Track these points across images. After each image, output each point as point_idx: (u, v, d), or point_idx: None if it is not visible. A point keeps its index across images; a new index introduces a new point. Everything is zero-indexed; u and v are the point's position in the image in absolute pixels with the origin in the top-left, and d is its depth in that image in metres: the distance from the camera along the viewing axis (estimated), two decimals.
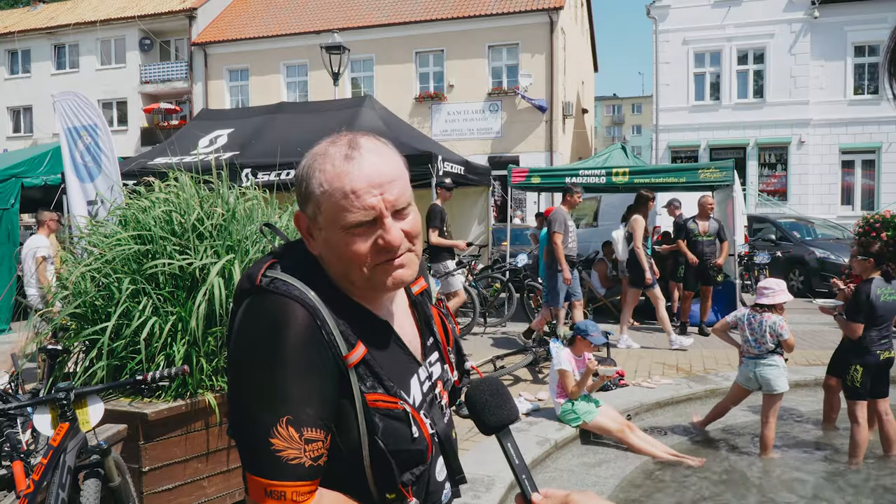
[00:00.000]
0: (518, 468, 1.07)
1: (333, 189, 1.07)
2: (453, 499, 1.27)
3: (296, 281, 1.08)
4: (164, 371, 2.57)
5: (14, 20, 29.78)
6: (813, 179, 20.34)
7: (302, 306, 1.05)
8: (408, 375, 1.17)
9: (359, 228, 1.07)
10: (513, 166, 10.46)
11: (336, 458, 1.08)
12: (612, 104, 71.80)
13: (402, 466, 1.10)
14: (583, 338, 4.89)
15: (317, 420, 1.04)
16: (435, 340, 1.29)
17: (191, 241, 3.44)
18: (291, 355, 1.03)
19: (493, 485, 3.66)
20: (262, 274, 1.10)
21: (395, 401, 1.10)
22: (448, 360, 1.31)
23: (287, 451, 1.01)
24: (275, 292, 1.07)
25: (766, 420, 4.59)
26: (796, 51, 20.28)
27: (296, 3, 26.49)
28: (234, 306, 1.13)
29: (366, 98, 9.97)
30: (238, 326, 1.10)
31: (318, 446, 1.04)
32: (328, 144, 1.11)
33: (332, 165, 1.08)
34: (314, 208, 1.10)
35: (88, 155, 6.14)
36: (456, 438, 1.30)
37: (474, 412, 1.13)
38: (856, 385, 4.42)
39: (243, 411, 1.06)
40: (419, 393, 1.18)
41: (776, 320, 4.53)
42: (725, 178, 8.96)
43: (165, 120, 26.41)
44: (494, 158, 20.88)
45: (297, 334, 1.04)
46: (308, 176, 1.10)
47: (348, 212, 1.07)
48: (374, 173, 1.08)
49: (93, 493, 2.51)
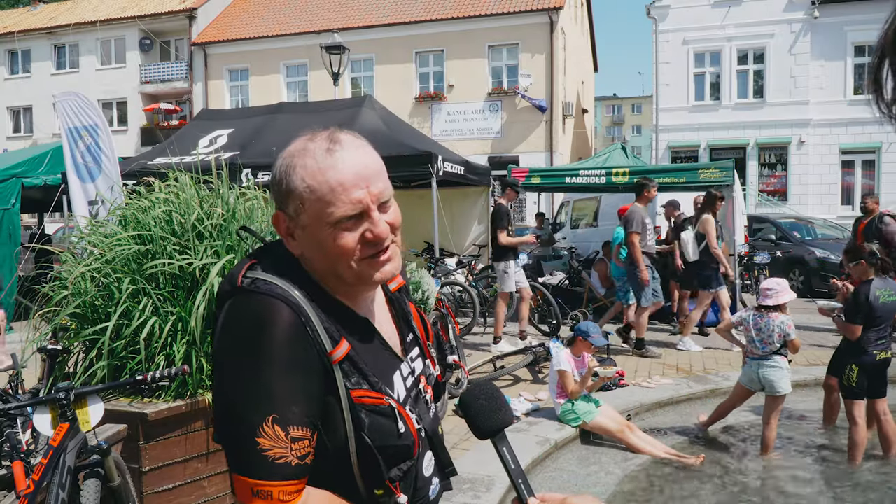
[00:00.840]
0: (514, 472, 1.07)
1: (318, 183, 1.06)
2: (443, 492, 1.27)
3: (278, 280, 1.07)
4: (164, 371, 2.57)
5: (14, 20, 29.78)
6: (813, 179, 20.34)
7: (286, 304, 1.05)
8: (390, 372, 1.17)
9: (345, 223, 1.07)
10: (513, 166, 10.46)
11: (323, 456, 1.07)
12: (612, 104, 71.79)
13: (389, 462, 1.10)
14: (583, 339, 4.89)
15: (303, 418, 1.03)
16: (415, 336, 1.29)
17: (191, 241, 3.44)
18: (276, 353, 1.02)
19: (493, 485, 3.66)
20: (242, 275, 1.09)
21: (381, 396, 1.09)
22: (429, 356, 1.31)
23: (273, 450, 1.00)
24: (257, 292, 1.06)
25: (768, 421, 4.59)
26: (796, 51, 20.29)
27: (296, 3, 26.49)
28: (217, 310, 1.12)
29: (366, 98, 9.96)
30: (221, 327, 1.09)
31: (304, 445, 1.03)
32: (306, 141, 1.10)
33: (315, 160, 1.07)
34: (296, 206, 1.09)
35: (89, 155, 6.15)
36: (442, 433, 1.30)
37: (469, 417, 1.13)
38: (852, 385, 4.42)
39: (229, 411, 1.05)
40: (403, 389, 1.18)
41: (784, 320, 4.51)
42: (725, 178, 8.96)
43: (165, 120, 26.41)
44: (494, 158, 20.89)
45: (282, 332, 1.03)
46: (288, 173, 1.09)
47: (334, 206, 1.06)
48: (359, 166, 1.08)
49: (93, 493, 2.51)
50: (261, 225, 3.78)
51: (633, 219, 7.14)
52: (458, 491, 3.60)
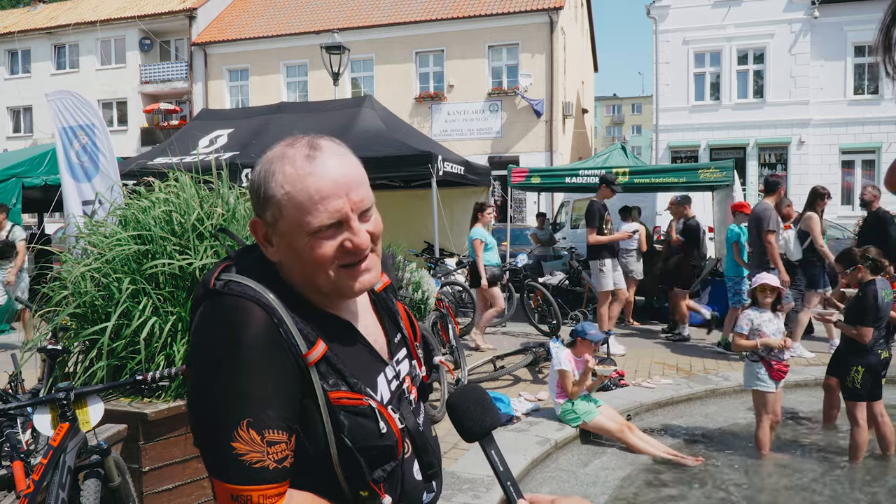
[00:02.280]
0: (502, 475, 1.07)
1: (296, 191, 1.04)
2: (438, 497, 1.25)
3: (251, 281, 1.06)
4: (164, 371, 2.56)
5: (14, 20, 29.78)
6: (813, 179, 20.27)
7: (258, 306, 1.03)
8: (374, 374, 1.15)
9: (324, 231, 1.05)
10: (513, 166, 10.47)
11: (305, 459, 1.06)
12: (612, 104, 71.80)
13: (371, 463, 1.08)
14: (583, 339, 4.89)
15: (278, 421, 1.01)
16: (402, 337, 1.28)
17: (191, 241, 3.44)
18: (249, 356, 1.00)
19: (493, 485, 3.66)
20: (215, 277, 1.07)
21: (360, 397, 1.08)
22: (416, 356, 1.30)
23: (250, 454, 0.99)
24: (230, 294, 1.04)
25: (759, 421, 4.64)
26: (796, 51, 20.29)
27: (296, 3, 26.49)
28: (191, 314, 1.10)
29: (366, 98, 9.95)
30: (194, 331, 1.07)
31: (281, 448, 1.01)
32: (285, 147, 1.08)
33: (293, 167, 1.05)
34: (274, 213, 1.06)
35: (85, 154, 6.08)
36: (436, 435, 1.28)
37: (456, 420, 1.13)
38: (856, 386, 4.41)
39: (204, 416, 1.04)
40: (387, 391, 1.16)
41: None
42: (725, 178, 8.96)
43: (165, 120, 26.43)
44: (494, 158, 20.90)
45: (255, 335, 1.01)
46: (266, 180, 1.06)
47: (312, 214, 1.03)
48: (339, 174, 1.06)
49: (93, 493, 2.51)
50: None
51: (769, 217, 6.71)
52: (458, 491, 3.60)
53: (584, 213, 7.44)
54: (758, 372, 4.53)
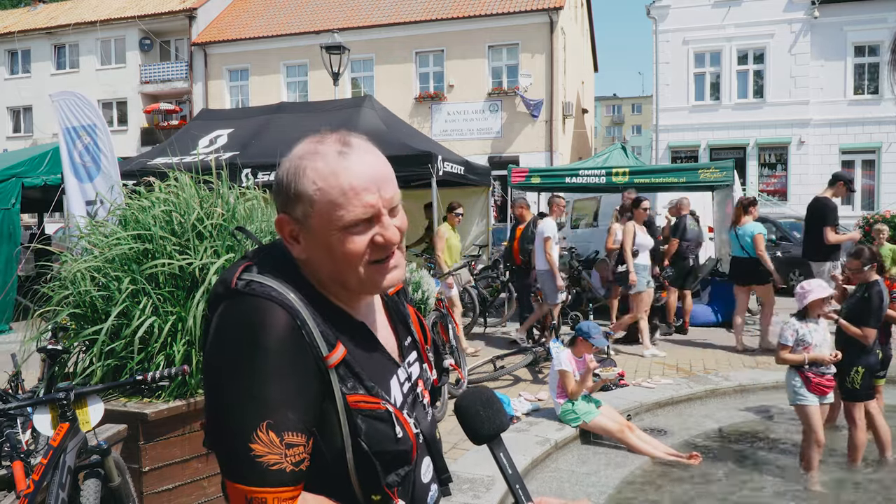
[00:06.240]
0: (511, 478, 1.06)
1: (329, 186, 1.04)
2: (440, 498, 1.26)
3: (273, 282, 1.05)
4: (164, 371, 2.56)
5: (14, 20, 29.78)
6: (813, 179, 20.30)
7: (281, 307, 1.03)
8: (387, 376, 1.15)
9: (356, 227, 1.05)
10: (513, 166, 10.47)
11: (320, 461, 1.05)
12: (612, 104, 71.79)
13: (386, 468, 1.08)
14: (584, 339, 4.88)
15: (298, 424, 1.01)
16: (413, 340, 1.28)
17: (191, 240, 3.44)
18: (271, 358, 1.00)
19: (493, 485, 3.66)
20: (237, 277, 1.07)
21: (377, 401, 1.08)
22: (427, 359, 1.30)
23: (268, 456, 0.99)
24: (252, 294, 1.04)
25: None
26: (796, 51, 20.29)
27: (296, 3, 26.48)
28: (210, 312, 1.10)
29: (366, 98, 9.95)
30: (215, 331, 1.06)
31: (299, 451, 1.01)
32: (316, 143, 1.08)
33: (326, 163, 1.05)
34: (305, 209, 1.06)
35: (87, 155, 6.12)
36: (440, 438, 1.29)
37: (465, 423, 1.13)
38: (855, 387, 4.41)
39: (222, 417, 1.03)
40: (400, 394, 1.16)
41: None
42: (725, 178, 8.97)
43: (165, 120, 26.42)
44: (494, 158, 20.89)
45: (277, 336, 1.01)
46: (297, 176, 1.06)
47: (346, 209, 1.04)
48: (372, 170, 1.07)
49: (93, 493, 2.51)
50: (260, 225, 3.78)
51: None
52: (458, 491, 3.60)
53: (819, 211, 7.01)
54: (794, 384, 4.25)
